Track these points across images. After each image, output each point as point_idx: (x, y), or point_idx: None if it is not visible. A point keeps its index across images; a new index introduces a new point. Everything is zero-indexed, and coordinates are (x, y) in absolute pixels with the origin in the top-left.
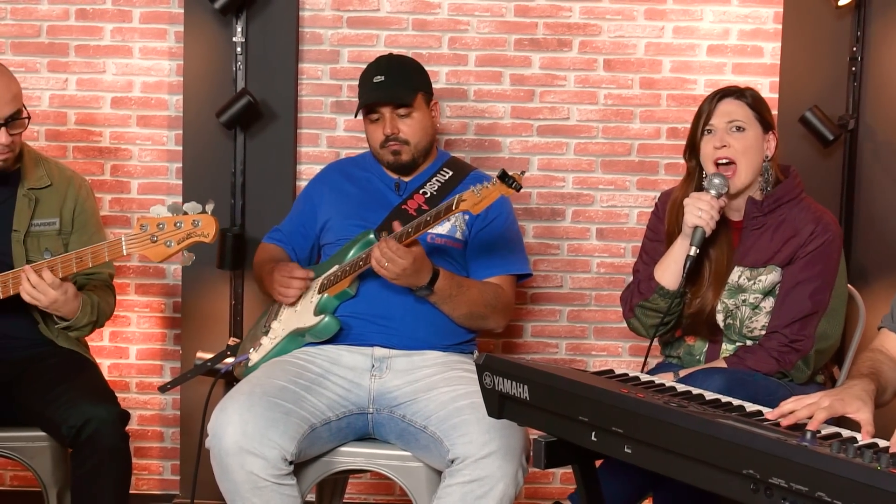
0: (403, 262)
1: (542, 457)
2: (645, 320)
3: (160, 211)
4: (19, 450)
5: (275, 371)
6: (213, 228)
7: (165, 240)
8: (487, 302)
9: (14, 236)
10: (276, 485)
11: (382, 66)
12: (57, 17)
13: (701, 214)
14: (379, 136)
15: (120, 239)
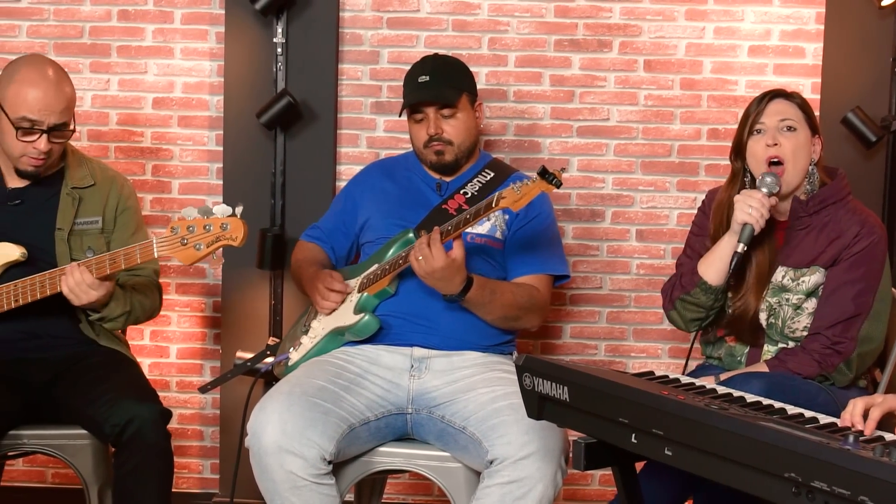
0: (435, 263)
1: (582, 458)
2: (685, 314)
3: (190, 213)
4: (61, 448)
5: (314, 371)
6: (241, 232)
7: (195, 243)
8: (521, 305)
9: (58, 234)
10: (315, 484)
11: (428, 66)
12: (99, 18)
13: (751, 212)
14: (423, 135)
15: (151, 241)
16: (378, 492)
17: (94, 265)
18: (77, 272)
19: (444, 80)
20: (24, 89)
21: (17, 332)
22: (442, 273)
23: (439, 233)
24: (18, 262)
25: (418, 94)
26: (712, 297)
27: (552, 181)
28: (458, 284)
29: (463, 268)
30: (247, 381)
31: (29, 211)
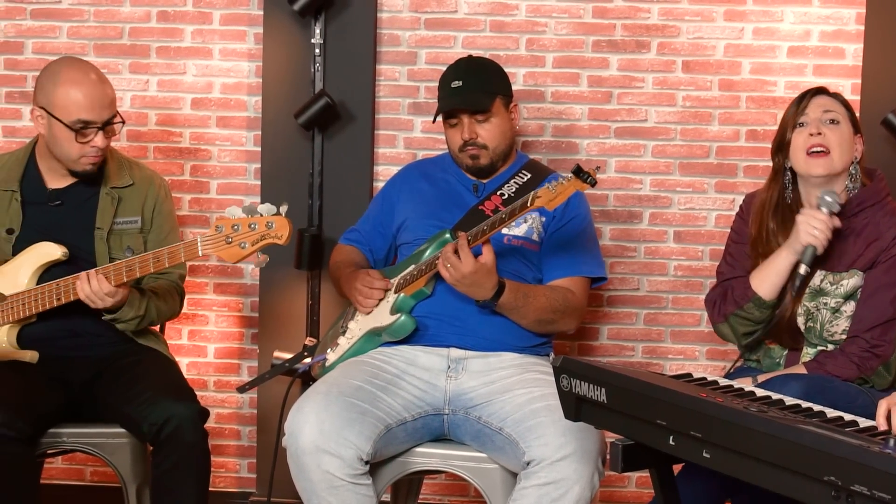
0: (464, 269)
1: (620, 460)
2: (738, 328)
3: (235, 212)
4: (100, 446)
5: (351, 371)
6: (286, 230)
7: (240, 241)
8: (555, 308)
9: (97, 234)
10: (352, 484)
11: (461, 71)
12: (139, 19)
13: (816, 234)
14: (457, 140)
15: (196, 240)
16: (414, 492)
17: (138, 263)
18: (94, 281)
19: (477, 85)
20: (72, 92)
21: (59, 330)
22: (472, 279)
23: (466, 238)
24: (60, 262)
25: (451, 101)
26: (767, 311)
27: (587, 180)
28: (489, 289)
29: (494, 272)
30: (284, 380)
31: (69, 211)
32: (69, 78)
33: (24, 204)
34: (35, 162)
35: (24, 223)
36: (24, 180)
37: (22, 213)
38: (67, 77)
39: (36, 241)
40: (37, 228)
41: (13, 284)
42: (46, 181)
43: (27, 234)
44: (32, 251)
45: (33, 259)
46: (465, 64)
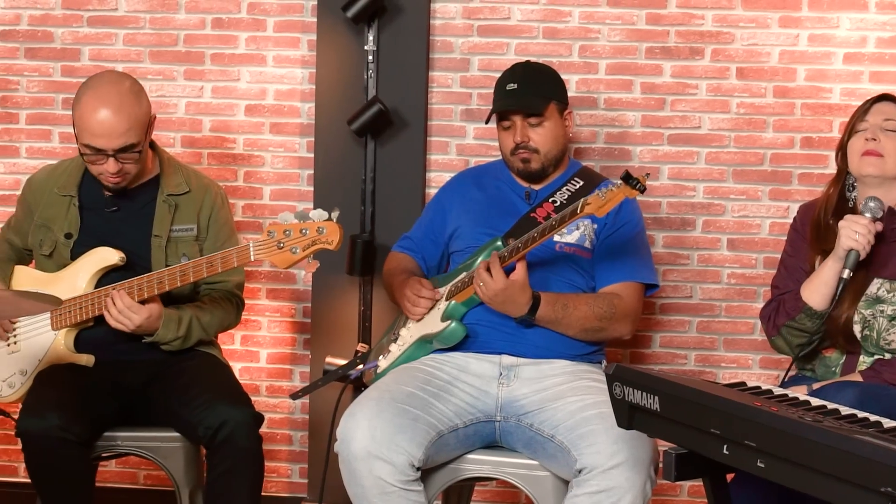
0: (495, 286)
1: (673, 469)
2: (791, 340)
3: (287, 217)
4: (154, 449)
5: (403, 377)
6: (337, 236)
7: (291, 246)
8: (600, 315)
9: (154, 241)
10: (404, 490)
11: (517, 74)
12: (194, 26)
13: (858, 238)
14: (510, 143)
15: (248, 245)
16: (465, 499)
17: (192, 268)
18: (118, 300)
19: (532, 89)
20: (86, 116)
21: (115, 334)
22: (503, 295)
23: (499, 256)
24: (117, 267)
25: (505, 102)
26: (818, 321)
27: (636, 186)
28: (523, 305)
29: (526, 287)
30: (336, 386)
31: (126, 218)
32: (88, 101)
33: (81, 209)
34: None
35: (82, 228)
36: (82, 186)
37: (80, 219)
38: (87, 99)
39: (93, 247)
40: (94, 234)
41: (71, 288)
42: (103, 187)
43: (84, 239)
44: (91, 256)
45: (91, 264)
46: (522, 68)
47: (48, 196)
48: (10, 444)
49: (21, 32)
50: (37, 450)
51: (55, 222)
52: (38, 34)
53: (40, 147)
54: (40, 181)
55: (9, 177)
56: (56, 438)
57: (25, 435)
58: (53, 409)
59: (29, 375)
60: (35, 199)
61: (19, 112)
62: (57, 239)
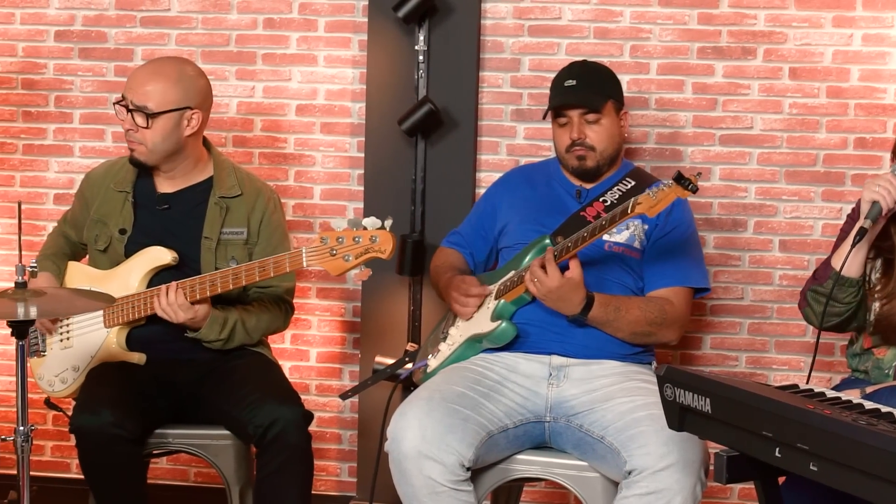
0: (550, 284)
1: (724, 471)
2: (816, 307)
3: (340, 224)
4: (204, 447)
5: (453, 377)
6: (390, 245)
7: (344, 254)
8: (651, 320)
9: (205, 243)
10: (454, 490)
11: (575, 71)
12: (245, 26)
13: (878, 189)
14: (565, 140)
15: (301, 251)
16: (514, 499)
17: (244, 271)
18: (172, 293)
19: (590, 86)
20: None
21: (166, 333)
22: (557, 293)
23: (553, 253)
24: (169, 266)
25: (563, 98)
26: (849, 290)
27: (688, 186)
28: (577, 304)
29: (581, 286)
30: (386, 386)
31: (177, 217)
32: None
33: (136, 206)
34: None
35: (136, 225)
36: (138, 183)
37: (133, 215)
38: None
39: (145, 244)
40: (146, 231)
41: (124, 287)
42: (157, 185)
43: (137, 236)
44: (144, 255)
45: (144, 263)
46: (580, 66)
47: (105, 191)
48: (63, 441)
49: (75, 33)
50: (90, 446)
51: (110, 218)
52: (91, 34)
53: (94, 146)
54: (98, 176)
55: (62, 175)
56: (109, 435)
57: (79, 431)
58: (106, 405)
59: (81, 372)
60: (92, 194)
61: (73, 111)
62: (112, 234)
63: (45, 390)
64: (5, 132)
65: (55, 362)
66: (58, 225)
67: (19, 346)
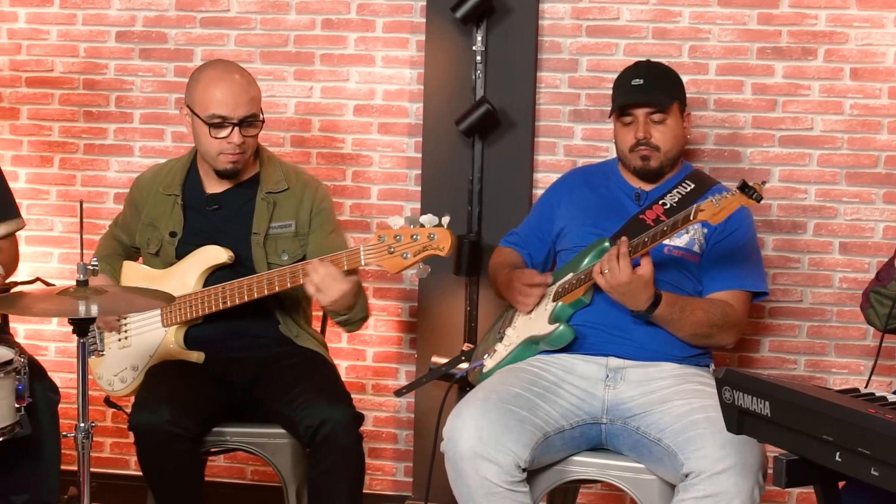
0: (621, 277)
1: (783, 475)
2: (879, 309)
3: (398, 222)
4: (261, 445)
5: (510, 378)
6: (448, 242)
7: (402, 252)
8: (713, 322)
9: (254, 239)
10: (510, 491)
11: (641, 70)
12: (304, 27)
13: None
14: (630, 139)
15: (358, 248)
16: (570, 501)
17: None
18: (322, 266)
19: (658, 85)
20: (211, 88)
21: (223, 332)
22: (626, 288)
23: (629, 246)
24: (225, 265)
25: (631, 96)
26: None
27: (752, 195)
28: (644, 301)
29: (650, 284)
30: (441, 386)
31: (227, 216)
32: (210, 75)
33: (185, 208)
34: (196, 167)
35: (186, 227)
36: (186, 185)
37: (183, 217)
38: (209, 75)
39: (196, 245)
40: (196, 232)
41: (181, 286)
42: (205, 186)
43: (188, 237)
44: (200, 254)
45: (200, 262)
46: (646, 66)
47: (154, 195)
48: (121, 438)
49: (136, 33)
50: (148, 444)
51: (161, 221)
52: (152, 35)
53: (153, 146)
54: (147, 181)
55: (123, 175)
56: (167, 433)
57: (137, 429)
58: (165, 404)
59: (140, 371)
60: (142, 199)
61: (133, 111)
62: (163, 237)
63: (105, 389)
64: (67, 132)
65: (114, 361)
66: (109, 229)
67: (80, 343)
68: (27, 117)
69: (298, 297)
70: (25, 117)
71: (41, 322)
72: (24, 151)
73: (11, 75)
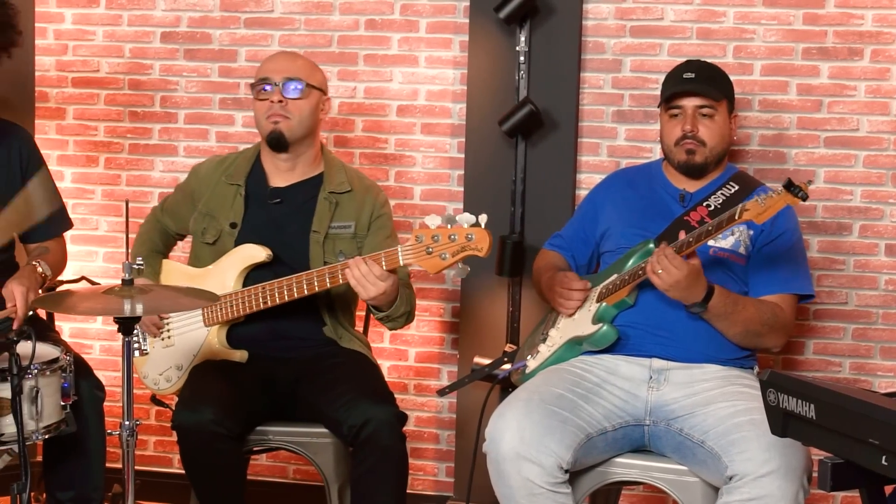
0: (677, 274)
1: (828, 479)
2: None
3: (434, 221)
4: (304, 445)
5: (552, 379)
6: (486, 243)
7: (440, 252)
8: (764, 321)
9: (313, 237)
10: (552, 492)
11: (693, 66)
12: (347, 27)
13: None
14: (676, 132)
15: (396, 249)
16: (612, 503)
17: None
18: (363, 264)
19: (709, 81)
20: (263, 61)
21: (266, 331)
22: (686, 282)
23: (679, 244)
24: (264, 263)
25: (682, 87)
26: None
27: (798, 194)
28: (699, 293)
29: (702, 275)
30: (484, 386)
31: (287, 211)
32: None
33: (247, 199)
34: (261, 160)
35: (246, 218)
36: (250, 177)
37: (245, 208)
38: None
39: (255, 238)
40: (256, 225)
41: (221, 285)
42: (270, 179)
43: (247, 229)
44: (238, 253)
45: (239, 260)
46: (698, 63)
47: (215, 185)
48: (165, 436)
49: (181, 34)
50: (191, 443)
51: (220, 211)
52: (196, 35)
53: (198, 146)
54: (207, 170)
55: (167, 175)
56: (210, 432)
57: (180, 428)
58: (208, 403)
59: (184, 370)
60: (200, 187)
61: (178, 111)
62: (222, 228)
63: (150, 388)
64: (112, 132)
65: (159, 361)
66: (152, 213)
67: (125, 342)
68: (73, 117)
69: (349, 299)
70: (71, 117)
71: (86, 320)
72: (70, 151)
73: (58, 76)
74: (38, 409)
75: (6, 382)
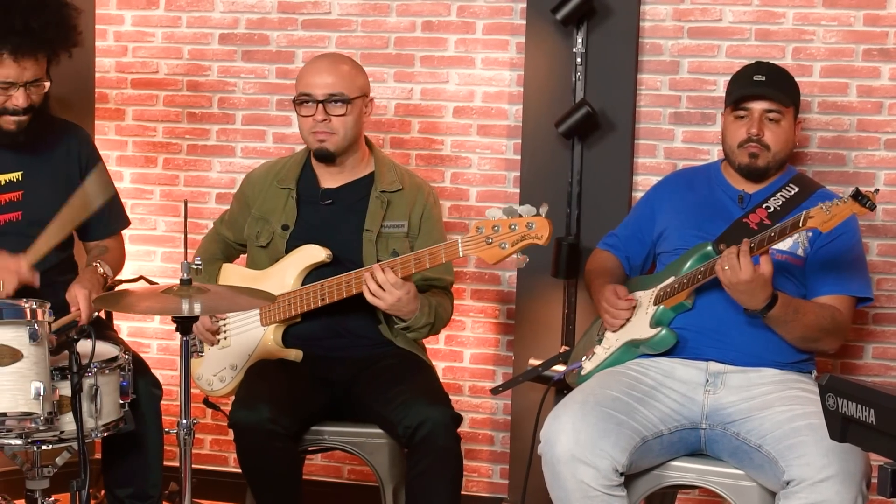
0: (742, 275)
1: (888, 485)
2: None
3: (495, 213)
4: (359, 445)
5: (608, 381)
6: (546, 231)
7: (500, 242)
8: (823, 327)
9: (366, 236)
10: (607, 495)
11: (763, 68)
12: (404, 29)
13: None
14: (741, 134)
15: (456, 241)
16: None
17: (400, 264)
18: (380, 274)
19: (779, 85)
20: (303, 70)
21: (322, 330)
22: (746, 286)
23: (749, 245)
24: (324, 264)
25: (752, 89)
26: None
27: (865, 203)
28: (761, 300)
29: (769, 284)
30: (539, 388)
31: (339, 211)
32: (309, 62)
33: (298, 202)
34: (311, 162)
35: (298, 221)
36: (301, 179)
37: (297, 211)
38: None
39: (307, 239)
40: (308, 226)
41: (280, 285)
42: (321, 181)
43: (299, 231)
44: (299, 253)
45: (299, 261)
46: (768, 65)
47: (267, 189)
48: (221, 435)
49: (238, 36)
50: (247, 441)
51: (273, 214)
52: (254, 37)
53: (255, 147)
54: (260, 175)
55: (225, 175)
56: (266, 431)
57: (237, 427)
58: (264, 402)
59: (239, 370)
60: (253, 193)
61: (235, 113)
62: (274, 230)
63: (204, 389)
64: (171, 133)
65: (213, 361)
66: (213, 227)
67: (183, 341)
68: (132, 118)
69: None
70: (130, 118)
71: (144, 320)
72: (129, 152)
73: (117, 77)
74: (97, 407)
75: (66, 381)
